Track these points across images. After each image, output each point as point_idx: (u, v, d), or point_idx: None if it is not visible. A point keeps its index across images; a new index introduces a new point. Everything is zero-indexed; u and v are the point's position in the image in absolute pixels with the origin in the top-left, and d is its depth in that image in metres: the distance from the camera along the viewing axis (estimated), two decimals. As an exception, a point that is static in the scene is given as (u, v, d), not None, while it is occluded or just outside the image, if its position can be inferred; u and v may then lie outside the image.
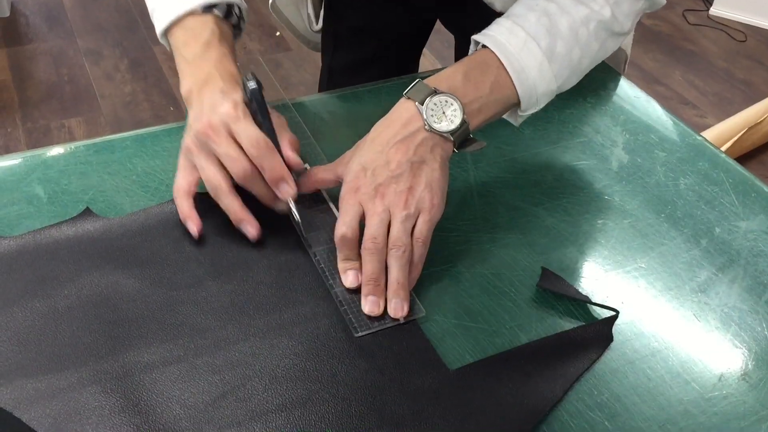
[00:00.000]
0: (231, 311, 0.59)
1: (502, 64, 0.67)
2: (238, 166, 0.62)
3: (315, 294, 0.61)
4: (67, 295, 0.59)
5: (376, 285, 0.60)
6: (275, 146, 0.64)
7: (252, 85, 0.65)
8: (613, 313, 0.61)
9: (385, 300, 0.60)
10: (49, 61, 2.53)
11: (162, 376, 0.54)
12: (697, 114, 2.44)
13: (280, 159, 0.64)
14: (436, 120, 0.64)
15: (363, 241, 0.61)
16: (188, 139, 0.65)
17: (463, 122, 0.64)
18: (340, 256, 0.62)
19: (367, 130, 0.66)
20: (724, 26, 2.93)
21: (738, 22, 2.94)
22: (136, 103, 2.35)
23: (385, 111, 0.66)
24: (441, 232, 0.67)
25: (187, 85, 0.68)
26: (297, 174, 0.67)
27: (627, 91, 0.90)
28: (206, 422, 0.51)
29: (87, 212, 0.67)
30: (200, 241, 0.65)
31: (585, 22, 0.69)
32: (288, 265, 0.63)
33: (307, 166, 0.70)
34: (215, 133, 0.63)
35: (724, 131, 2.12)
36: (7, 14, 2.75)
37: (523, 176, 0.75)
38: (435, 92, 0.64)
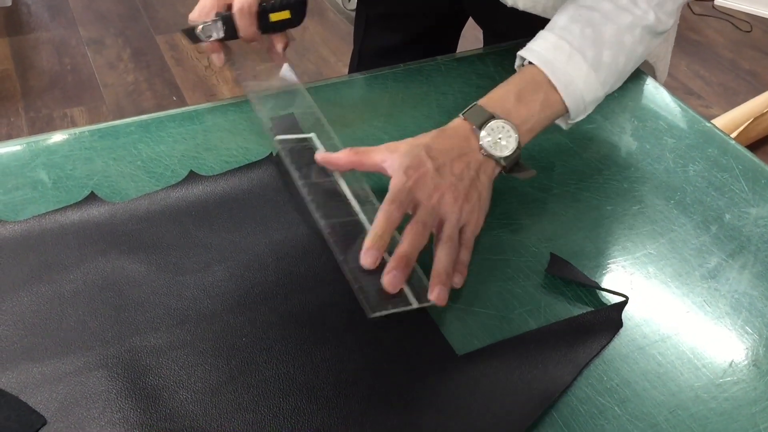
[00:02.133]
0: (237, 296, 0.59)
1: (550, 81, 0.67)
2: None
3: (322, 280, 0.61)
4: (72, 279, 0.59)
5: (407, 264, 0.58)
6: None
7: None
8: (623, 298, 0.60)
9: (404, 281, 0.58)
10: (51, 50, 2.52)
11: (168, 361, 0.54)
12: (702, 104, 2.43)
13: (255, 27, 0.76)
14: (492, 145, 0.64)
15: (411, 222, 0.59)
16: None
17: (518, 148, 0.65)
18: (374, 231, 0.59)
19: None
20: (729, 16, 2.91)
21: (743, 12, 2.93)
22: (138, 92, 2.35)
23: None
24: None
25: None
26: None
27: (635, 78, 0.89)
28: (212, 406, 0.51)
29: (92, 197, 0.66)
30: (206, 227, 0.64)
31: (630, 29, 0.69)
32: (295, 250, 0.63)
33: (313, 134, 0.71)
34: None
35: (730, 121, 2.11)
36: (9, 4, 2.74)
37: (531, 162, 0.75)
38: (492, 117, 0.65)
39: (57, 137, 0.74)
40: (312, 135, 0.73)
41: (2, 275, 0.59)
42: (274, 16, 0.78)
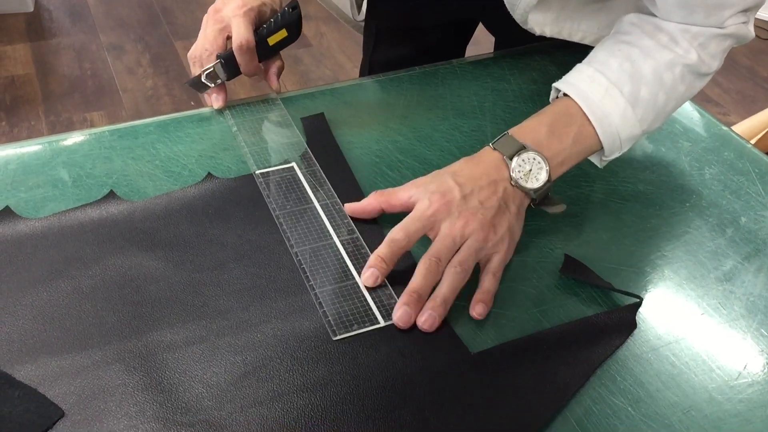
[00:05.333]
0: (253, 293, 0.59)
1: (585, 114, 0.66)
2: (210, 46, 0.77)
3: (336, 278, 0.61)
4: (91, 275, 0.60)
5: (419, 300, 0.57)
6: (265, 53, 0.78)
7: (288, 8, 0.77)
8: (637, 300, 0.60)
9: (416, 316, 0.57)
10: (72, 55, 2.55)
11: (185, 356, 0.54)
12: (720, 112, 2.42)
13: (256, 61, 0.77)
14: (523, 177, 0.63)
15: (427, 254, 0.59)
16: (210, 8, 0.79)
17: (548, 180, 0.64)
18: (379, 252, 0.60)
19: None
20: (748, 24, 2.89)
21: (762, 20, 2.91)
22: (157, 97, 2.37)
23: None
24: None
25: None
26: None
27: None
28: (228, 401, 0.51)
29: (111, 195, 0.67)
30: (222, 225, 0.65)
31: (670, 67, 0.66)
32: (310, 249, 0.63)
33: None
34: (212, 18, 0.78)
35: (748, 129, 2.10)
36: (32, 9, 2.78)
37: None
38: (523, 148, 0.64)
39: (77, 137, 0.75)
40: (293, 164, 0.73)
41: (23, 270, 0.60)
42: (272, 39, 0.78)
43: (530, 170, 0.63)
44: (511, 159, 0.63)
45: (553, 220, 0.68)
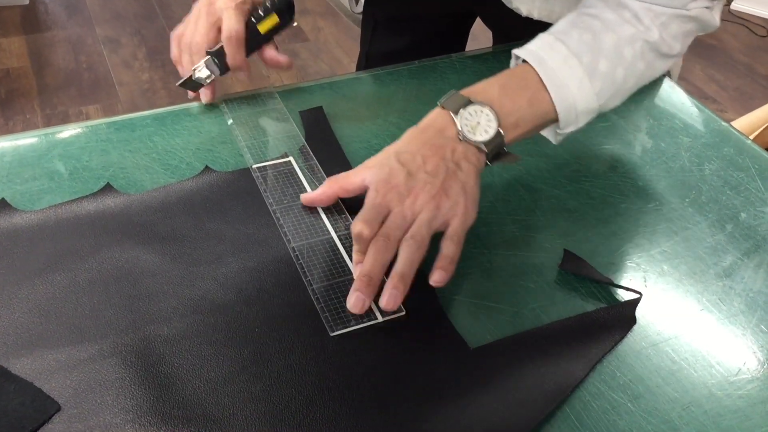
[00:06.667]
0: (250, 288, 0.59)
1: (541, 80, 0.65)
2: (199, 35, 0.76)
3: (334, 274, 0.61)
4: (88, 268, 0.59)
5: (368, 283, 0.57)
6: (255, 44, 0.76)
7: None
8: (637, 295, 0.60)
9: (372, 301, 0.57)
10: (67, 48, 2.54)
11: (182, 350, 0.54)
12: (717, 109, 2.42)
13: (243, 54, 0.75)
14: (470, 130, 0.62)
15: (376, 236, 0.58)
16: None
17: (498, 134, 0.62)
18: (355, 247, 0.60)
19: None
20: (745, 21, 2.89)
21: (759, 17, 2.91)
22: (153, 90, 2.36)
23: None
24: (462, 212, 0.67)
25: None
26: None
27: (651, 76, 0.89)
28: (225, 395, 0.51)
29: (107, 188, 0.67)
30: (220, 219, 0.64)
31: (630, 42, 0.66)
32: (307, 245, 0.63)
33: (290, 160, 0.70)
34: (205, 10, 0.76)
35: (746, 126, 2.10)
36: (27, 2, 2.77)
37: (545, 159, 0.75)
38: (469, 102, 0.62)
39: (74, 129, 0.75)
40: (290, 158, 0.72)
41: (18, 263, 0.59)
42: (264, 27, 0.76)
43: (478, 123, 0.62)
44: (457, 114, 0.62)
45: (552, 215, 0.68)
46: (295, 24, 0.81)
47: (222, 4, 0.75)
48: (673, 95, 0.86)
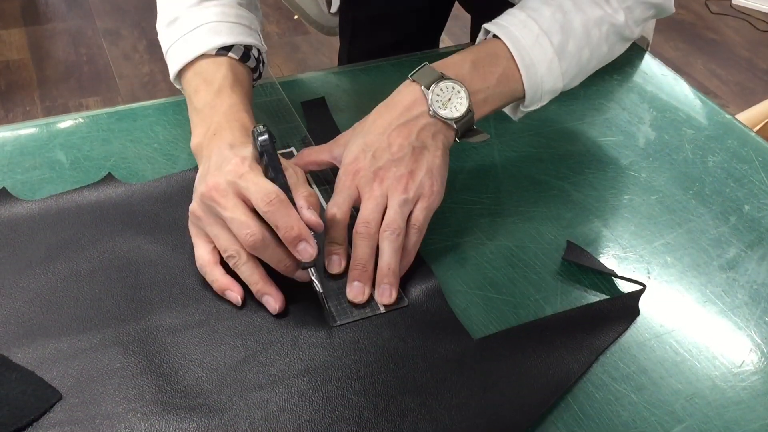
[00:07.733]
0: (253, 277, 0.58)
1: (513, 57, 0.65)
2: (246, 233, 0.53)
3: (337, 262, 0.60)
4: (89, 258, 0.59)
5: (364, 271, 0.57)
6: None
7: (263, 137, 0.58)
8: (640, 287, 0.60)
9: (371, 287, 0.58)
10: (67, 40, 2.53)
11: (184, 340, 0.54)
12: (719, 103, 2.40)
13: (297, 214, 0.54)
14: (441, 106, 0.62)
15: (355, 225, 0.58)
16: (194, 204, 0.58)
17: (469, 111, 0.62)
18: (327, 238, 0.60)
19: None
20: (746, 16, 2.89)
21: (761, 11, 2.90)
22: (153, 83, 2.35)
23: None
24: (465, 204, 0.67)
25: (196, 138, 0.62)
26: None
27: (653, 68, 0.89)
28: (228, 385, 0.51)
29: (109, 178, 0.67)
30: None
31: (598, 23, 0.67)
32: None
33: (293, 150, 0.70)
34: (220, 195, 0.55)
35: (747, 120, 2.09)
36: (27, -6, 2.76)
37: (548, 150, 0.74)
38: (442, 78, 0.62)
39: (75, 119, 0.75)
40: (292, 149, 0.72)
41: (19, 253, 0.59)
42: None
43: (449, 99, 0.62)
44: (428, 89, 0.62)
45: (556, 207, 0.68)
46: (296, 17, 0.80)
47: (231, 177, 0.56)
48: (676, 87, 0.86)
